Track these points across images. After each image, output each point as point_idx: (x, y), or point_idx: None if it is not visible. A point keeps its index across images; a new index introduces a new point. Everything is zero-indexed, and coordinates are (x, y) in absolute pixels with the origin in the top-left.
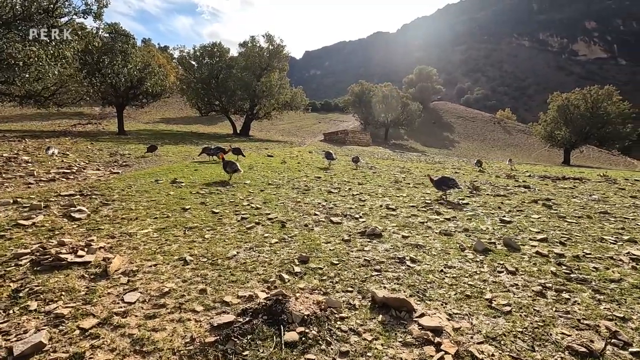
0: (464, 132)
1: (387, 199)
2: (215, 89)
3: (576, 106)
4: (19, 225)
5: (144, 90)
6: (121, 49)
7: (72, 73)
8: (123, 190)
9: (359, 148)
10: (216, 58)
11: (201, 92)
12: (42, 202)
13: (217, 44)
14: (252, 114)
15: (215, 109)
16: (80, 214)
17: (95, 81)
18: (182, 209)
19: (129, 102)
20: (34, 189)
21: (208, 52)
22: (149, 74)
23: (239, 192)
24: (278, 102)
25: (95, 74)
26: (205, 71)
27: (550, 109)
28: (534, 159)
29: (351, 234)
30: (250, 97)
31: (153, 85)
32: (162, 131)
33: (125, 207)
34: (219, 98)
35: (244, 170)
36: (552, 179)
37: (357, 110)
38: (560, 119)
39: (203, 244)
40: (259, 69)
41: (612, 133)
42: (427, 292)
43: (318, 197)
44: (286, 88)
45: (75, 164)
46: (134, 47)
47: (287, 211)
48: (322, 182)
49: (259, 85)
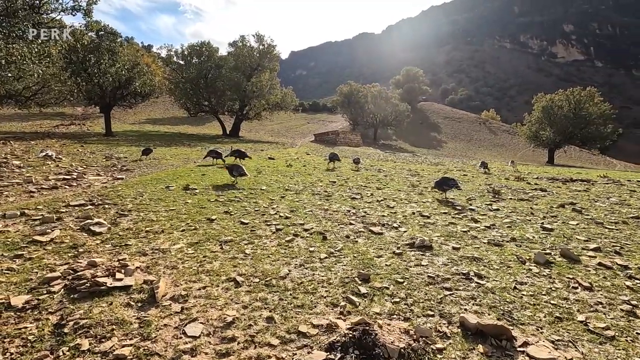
0: (451, 132)
1: (414, 205)
2: (205, 89)
3: (560, 107)
4: (35, 242)
5: (132, 90)
6: (108, 47)
7: (56, 72)
8: (135, 198)
9: (351, 149)
10: (204, 57)
11: (190, 92)
12: (52, 213)
13: (206, 43)
14: (242, 115)
15: (205, 109)
16: (99, 227)
17: (81, 81)
18: (208, 219)
19: (116, 103)
20: (39, 199)
21: (196, 52)
22: (138, 74)
23: (259, 200)
24: (268, 103)
25: (81, 73)
26: (194, 71)
27: (535, 110)
28: (520, 158)
29: (399, 246)
30: (240, 97)
31: (142, 85)
32: (149, 132)
33: (145, 218)
34: (208, 98)
35: (253, 175)
36: (560, 180)
37: (345, 110)
38: (544, 120)
39: (247, 260)
40: (249, 69)
41: (594, 133)
42: (514, 315)
43: (344, 204)
44: (276, 88)
45: (74, 169)
46: (122, 45)
47: (320, 220)
48: (339, 187)
49: (249, 85)
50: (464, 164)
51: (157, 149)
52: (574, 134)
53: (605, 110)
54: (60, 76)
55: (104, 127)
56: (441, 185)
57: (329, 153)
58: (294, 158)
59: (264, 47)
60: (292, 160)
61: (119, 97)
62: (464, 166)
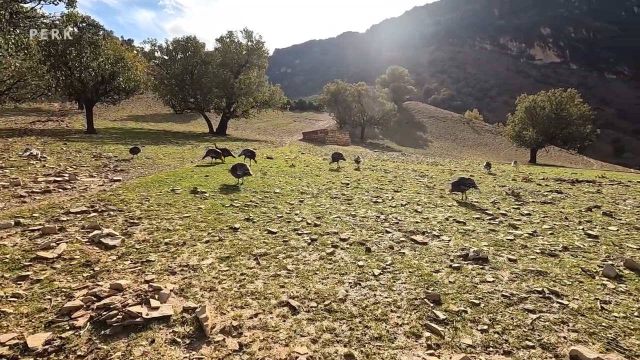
0: (436, 131)
1: (442, 209)
2: (190, 86)
3: (542, 107)
4: (40, 260)
5: (116, 85)
6: (90, 40)
7: (33, 65)
8: (141, 203)
9: (340, 147)
10: (190, 53)
11: (175, 89)
12: (53, 222)
13: (192, 38)
14: (230, 112)
15: (190, 106)
16: (112, 239)
17: (60, 75)
18: (231, 228)
19: (99, 99)
20: (32, 205)
21: (182, 47)
22: (122, 69)
23: (278, 204)
24: (256, 100)
25: (61, 67)
26: (179, 67)
27: (518, 110)
28: (503, 157)
29: (452, 258)
30: (228, 94)
31: (126, 81)
32: (133, 129)
33: (159, 227)
34: (194, 95)
35: (259, 176)
36: (567, 182)
37: (332, 109)
38: (527, 120)
39: (292, 278)
40: (237, 65)
41: (575, 133)
42: (620, 343)
43: (369, 209)
44: (265, 86)
45: (63, 170)
46: (105, 38)
47: (352, 228)
48: (355, 190)
49: (236, 82)
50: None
51: (146, 147)
52: (555, 134)
53: (585, 111)
54: (38, 70)
55: (85, 124)
56: (459, 185)
57: (331, 153)
58: (292, 158)
59: (252, 43)
60: (292, 160)
61: (102, 92)
62: (466, 166)
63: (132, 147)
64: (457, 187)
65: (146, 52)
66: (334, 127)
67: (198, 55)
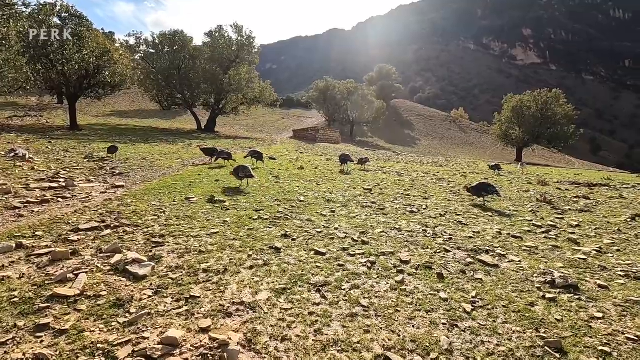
0: (424, 130)
1: (487, 221)
2: (178, 81)
3: (528, 107)
4: (59, 299)
5: (101, 80)
6: (74, 31)
7: (10, 57)
8: (157, 216)
9: (331, 146)
10: (177, 47)
11: (162, 84)
12: (61, 244)
13: (179, 32)
14: (219, 109)
15: (178, 102)
16: (140, 267)
17: (41, 68)
18: (271, 248)
19: (83, 93)
20: (31, 219)
21: (168, 41)
22: (108, 62)
23: (310, 216)
24: (246, 97)
25: (41, 59)
26: (166, 61)
27: (505, 110)
28: (489, 156)
29: (537, 285)
30: (217, 90)
31: (111, 75)
32: (118, 126)
33: (188, 247)
34: (181, 91)
35: (273, 181)
36: (583, 185)
37: (321, 106)
38: (514, 119)
39: (372, 318)
40: (227, 61)
41: (559, 133)
42: None
43: (410, 221)
44: (255, 82)
45: (56, 174)
46: (90, 30)
47: (407, 247)
48: (382, 197)
49: (226, 78)
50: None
51: (137, 146)
52: (540, 134)
53: (569, 111)
54: (16, 62)
55: (66, 120)
56: (480, 191)
57: (330, 152)
58: (295, 158)
59: (242, 38)
60: (297, 162)
61: (86, 87)
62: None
63: (110, 146)
64: (477, 192)
65: (131, 46)
66: (323, 124)
67: (186, 49)
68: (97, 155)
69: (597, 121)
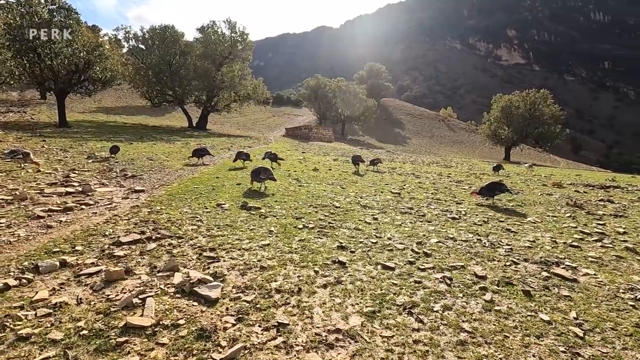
0: (414, 128)
1: (534, 228)
2: (169, 77)
3: (517, 107)
4: (135, 330)
5: (92, 75)
6: (63, 24)
7: None
8: (196, 226)
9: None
10: (168, 42)
11: (153, 80)
12: (107, 260)
13: (170, 26)
14: (211, 106)
15: (168, 99)
16: (209, 288)
17: (27, 62)
18: (335, 262)
19: (72, 89)
20: (61, 231)
21: (159, 36)
22: (99, 57)
23: (354, 224)
24: (238, 95)
25: (28, 53)
26: (156, 57)
27: (494, 109)
28: (478, 155)
29: (627, 301)
30: (210, 87)
31: (102, 70)
32: (107, 123)
33: (247, 262)
34: (172, 87)
35: (296, 185)
36: (597, 187)
37: (312, 104)
38: (503, 119)
39: (483, 346)
40: (220, 57)
41: (547, 133)
42: None
43: (457, 229)
44: (248, 79)
45: (66, 177)
46: (79, 23)
47: (473, 259)
48: (415, 202)
49: (219, 75)
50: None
51: (135, 145)
52: (529, 133)
53: (556, 111)
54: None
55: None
56: (492, 190)
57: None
58: (301, 159)
59: (236, 34)
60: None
61: (75, 82)
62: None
63: (112, 146)
64: (489, 192)
65: (119, 40)
66: (314, 123)
67: (177, 45)
68: (99, 155)
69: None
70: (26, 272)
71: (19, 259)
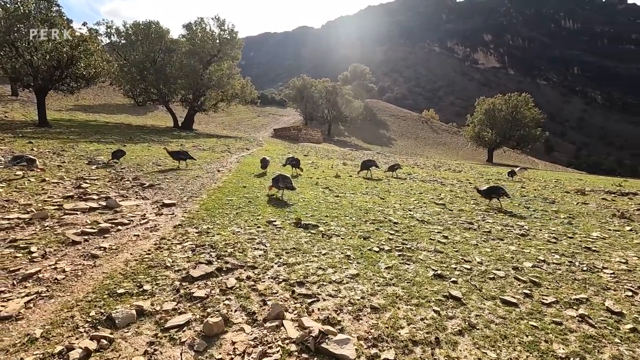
0: (398, 130)
1: (608, 244)
2: (153, 75)
3: (500, 110)
4: None
5: (75, 72)
6: (44, 17)
7: None
8: (258, 250)
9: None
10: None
11: (137, 78)
12: (185, 303)
13: (155, 22)
14: (198, 106)
15: (153, 98)
16: (337, 345)
17: (3, 56)
18: (447, 297)
19: (53, 86)
20: (110, 262)
21: (142, 32)
22: (83, 53)
23: (431, 245)
24: (226, 94)
25: (5, 46)
26: (139, 54)
27: (477, 112)
28: (461, 156)
29: None
30: (197, 86)
31: (86, 67)
32: (88, 122)
33: (353, 301)
34: (157, 86)
35: (333, 195)
36: (616, 194)
37: (299, 105)
38: (486, 122)
39: None
40: (208, 55)
41: (528, 135)
42: None
43: (538, 249)
44: (236, 79)
45: (78, 188)
46: (62, 16)
47: (586, 288)
48: (469, 216)
49: (206, 73)
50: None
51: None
52: (511, 136)
53: (536, 114)
54: None
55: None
56: (490, 193)
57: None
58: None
59: (224, 32)
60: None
61: (56, 79)
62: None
63: (116, 150)
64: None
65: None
66: (300, 123)
67: (163, 42)
68: (99, 159)
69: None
70: (99, 326)
71: (82, 307)
